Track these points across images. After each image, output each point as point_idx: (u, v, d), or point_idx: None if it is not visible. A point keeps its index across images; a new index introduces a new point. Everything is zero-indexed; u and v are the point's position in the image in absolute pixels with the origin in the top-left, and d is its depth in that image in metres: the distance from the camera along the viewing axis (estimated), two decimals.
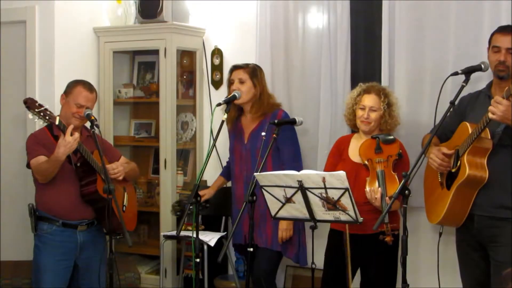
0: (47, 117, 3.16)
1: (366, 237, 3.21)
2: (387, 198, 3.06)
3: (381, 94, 3.31)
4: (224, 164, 4.02)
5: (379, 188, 3.09)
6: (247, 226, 3.20)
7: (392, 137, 3.28)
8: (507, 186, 2.95)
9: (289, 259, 3.66)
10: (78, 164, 3.37)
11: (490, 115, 2.78)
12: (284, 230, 3.50)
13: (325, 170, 3.39)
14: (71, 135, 3.20)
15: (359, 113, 3.33)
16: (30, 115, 3.14)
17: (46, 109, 3.17)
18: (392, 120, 3.34)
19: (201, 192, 3.52)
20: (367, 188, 3.15)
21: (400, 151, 3.22)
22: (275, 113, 3.55)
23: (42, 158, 3.33)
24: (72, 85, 3.46)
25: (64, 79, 3.70)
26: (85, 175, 3.40)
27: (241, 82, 3.56)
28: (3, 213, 4.35)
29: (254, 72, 3.59)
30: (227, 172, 3.85)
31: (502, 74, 2.99)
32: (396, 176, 3.17)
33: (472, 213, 3.02)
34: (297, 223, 3.55)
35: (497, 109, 2.75)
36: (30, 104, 3.13)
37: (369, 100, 3.31)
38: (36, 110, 3.13)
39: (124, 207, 3.60)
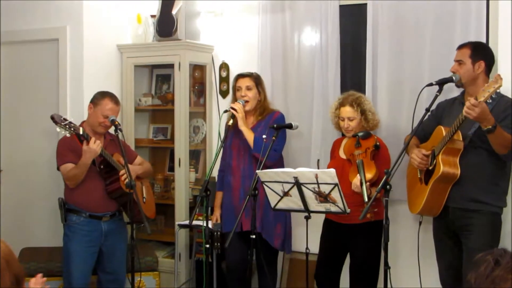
0: (72, 129, 3.17)
1: (352, 226, 3.20)
2: (367, 184, 3.04)
3: (354, 104, 3.28)
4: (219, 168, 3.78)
5: (358, 176, 3.06)
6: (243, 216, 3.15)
7: (368, 132, 3.26)
8: (477, 182, 2.96)
9: (276, 248, 3.53)
10: (102, 166, 3.38)
11: (465, 114, 2.72)
12: None
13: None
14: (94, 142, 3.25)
15: (341, 124, 3.35)
16: (57, 128, 3.15)
17: (70, 122, 3.17)
18: (368, 123, 3.31)
19: (213, 216, 3.55)
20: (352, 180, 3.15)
21: (378, 143, 3.19)
22: (271, 114, 3.51)
23: (69, 166, 3.34)
24: (100, 97, 3.44)
25: (91, 90, 3.70)
26: (108, 175, 3.41)
27: (249, 89, 3.50)
28: (37, 207, 4.39)
29: (258, 80, 3.57)
30: (222, 185, 3.65)
31: (456, 83, 3.03)
32: (373, 163, 3.14)
33: (447, 205, 3.02)
34: (283, 215, 3.47)
35: (473, 111, 2.69)
36: (56, 119, 3.13)
37: (345, 112, 3.30)
38: (62, 123, 3.13)
39: (144, 199, 3.61)
